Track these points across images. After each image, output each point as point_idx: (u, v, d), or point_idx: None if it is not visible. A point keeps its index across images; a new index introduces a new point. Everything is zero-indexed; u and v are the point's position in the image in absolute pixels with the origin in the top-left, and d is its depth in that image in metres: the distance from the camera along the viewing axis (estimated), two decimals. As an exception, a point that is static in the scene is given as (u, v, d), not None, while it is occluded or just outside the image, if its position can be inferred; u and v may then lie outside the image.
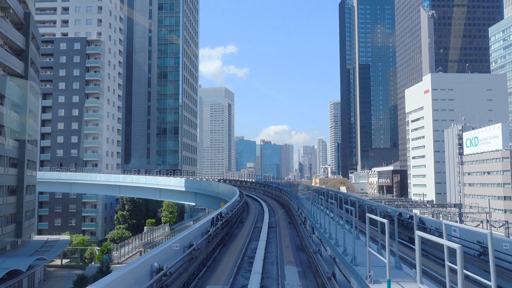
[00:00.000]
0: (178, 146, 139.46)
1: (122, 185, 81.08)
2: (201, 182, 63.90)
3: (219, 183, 57.26)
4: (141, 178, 78.25)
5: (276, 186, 49.96)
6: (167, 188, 72.40)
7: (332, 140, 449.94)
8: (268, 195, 53.13)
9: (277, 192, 47.15)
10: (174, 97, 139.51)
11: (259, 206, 41.69)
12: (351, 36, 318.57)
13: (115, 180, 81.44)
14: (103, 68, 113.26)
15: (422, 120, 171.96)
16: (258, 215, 34.57)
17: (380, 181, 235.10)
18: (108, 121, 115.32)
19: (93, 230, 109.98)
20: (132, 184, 79.04)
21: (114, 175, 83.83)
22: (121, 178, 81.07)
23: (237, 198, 34.68)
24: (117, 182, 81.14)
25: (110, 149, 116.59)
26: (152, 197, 79.47)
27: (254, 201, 46.56)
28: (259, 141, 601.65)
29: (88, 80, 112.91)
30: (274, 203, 44.28)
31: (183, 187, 68.45)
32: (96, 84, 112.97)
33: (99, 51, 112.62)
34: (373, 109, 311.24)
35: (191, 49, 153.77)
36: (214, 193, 58.51)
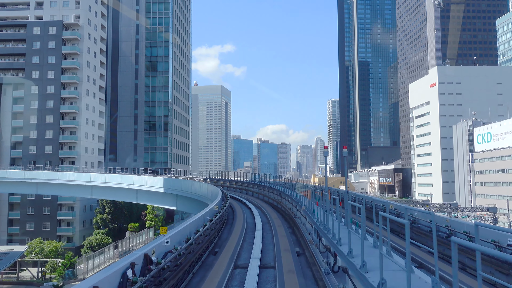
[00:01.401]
0: (167, 143, 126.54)
1: (95, 186, 68.13)
2: (182, 182, 51.21)
3: (202, 184, 44.68)
4: (115, 178, 65.35)
5: (274, 187, 36.96)
6: (145, 189, 59.67)
7: (330, 139, 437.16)
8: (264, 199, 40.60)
9: (276, 196, 34.24)
10: (163, 90, 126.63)
11: (250, 216, 29.01)
12: (350, 33, 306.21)
13: (85, 180, 68.46)
14: (81, 55, 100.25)
15: (427, 115, 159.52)
16: (245, 236, 21.76)
17: (381, 180, 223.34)
18: (88, 114, 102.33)
19: (69, 235, 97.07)
20: (105, 184, 66.11)
21: (84, 174, 70.81)
22: (93, 178, 68.09)
23: (214, 210, 21.85)
24: (88, 182, 68.16)
25: (90, 145, 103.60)
26: (128, 199, 66.69)
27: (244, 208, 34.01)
28: (256, 140, 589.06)
29: (64, 69, 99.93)
30: (272, 211, 31.42)
31: (162, 187, 55.83)
32: (73, 73, 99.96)
33: (77, 36, 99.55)
34: (373, 107, 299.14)
35: (182, 39, 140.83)
36: (196, 196, 45.91)
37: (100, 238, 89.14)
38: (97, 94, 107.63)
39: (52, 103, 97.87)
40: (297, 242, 20.16)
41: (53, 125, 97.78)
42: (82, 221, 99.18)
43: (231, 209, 34.38)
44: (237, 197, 41.81)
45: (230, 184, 53.89)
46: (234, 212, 31.95)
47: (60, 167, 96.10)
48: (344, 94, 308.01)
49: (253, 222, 26.28)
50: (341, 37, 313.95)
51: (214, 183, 57.16)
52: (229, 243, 20.22)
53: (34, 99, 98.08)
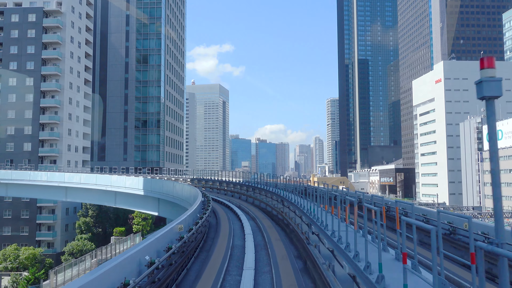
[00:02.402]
0: (160, 140, 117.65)
1: (70, 187, 59.20)
2: (164, 184, 42.38)
3: (184, 186, 35.89)
4: (91, 178, 56.44)
5: (274, 191, 27.14)
6: (123, 191, 50.88)
7: (329, 138, 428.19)
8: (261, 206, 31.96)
9: (277, 203, 24.56)
10: (155, 85, 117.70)
11: (239, 236, 19.76)
12: (349, 30, 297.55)
13: (59, 180, 59.51)
14: (64, 44, 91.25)
15: (432, 113, 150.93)
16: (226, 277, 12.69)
17: (382, 180, 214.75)
18: (71, 109, 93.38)
19: (50, 240, 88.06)
20: (81, 185, 57.21)
21: (58, 174, 61.78)
22: (67, 178, 59.10)
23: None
24: (62, 183, 59.23)
25: (73, 142, 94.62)
26: (105, 202, 57.76)
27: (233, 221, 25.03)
28: (254, 139, 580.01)
29: (45, 59, 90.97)
30: (270, 226, 22.27)
31: (142, 189, 47.09)
32: (55, 64, 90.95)
33: (59, 24, 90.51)
34: (373, 106, 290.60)
35: (176, 31, 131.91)
36: (178, 200, 37.19)
37: (82, 244, 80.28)
38: (82, 87, 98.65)
39: (32, 97, 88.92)
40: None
41: (33, 121, 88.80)
42: (65, 225, 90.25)
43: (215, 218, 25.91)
44: (228, 203, 32.92)
45: (220, 186, 44.56)
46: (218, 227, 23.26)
47: (40, 166, 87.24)
48: (344, 93, 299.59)
49: (241, 246, 17.50)
50: (340, 35, 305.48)
51: (202, 184, 48.29)
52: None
53: (12, 92, 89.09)
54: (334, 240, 10.81)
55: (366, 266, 7.93)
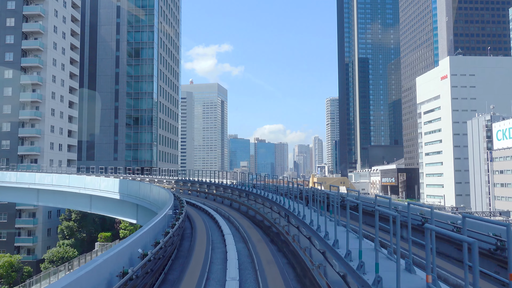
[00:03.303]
0: (152, 139, 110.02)
1: (41, 189, 51.47)
2: (141, 186, 34.52)
3: (160, 190, 28.24)
4: (64, 179, 48.72)
5: (277, 200, 18.15)
6: (98, 194, 43.31)
7: (328, 138, 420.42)
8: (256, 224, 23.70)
9: (280, 219, 16.55)
10: (148, 80, 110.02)
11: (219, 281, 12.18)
12: (350, 28, 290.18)
13: (29, 181, 51.77)
14: (46, 34, 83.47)
15: (438, 110, 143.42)
16: None
17: (383, 181, 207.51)
18: (54, 104, 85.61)
19: (30, 246, 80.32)
20: (53, 187, 49.54)
21: (28, 174, 53.92)
22: (38, 179, 51.33)
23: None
24: (33, 184, 51.50)
25: (57, 140, 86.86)
26: (80, 207, 50.04)
27: (211, 248, 17.77)
28: (253, 139, 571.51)
29: (26, 50, 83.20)
30: (271, 265, 14.53)
31: (118, 193, 39.53)
32: (36, 55, 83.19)
33: (41, 12, 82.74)
34: (373, 105, 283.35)
35: (170, 24, 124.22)
36: (155, 207, 29.62)
37: (64, 251, 72.66)
38: (67, 81, 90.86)
39: (10, 90, 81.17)
40: None
41: (11, 116, 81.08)
42: (46, 230, 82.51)
43: (190, 238, 18.32)
44: (214, 213, 24.88)
45: (209, 190, 36.43)
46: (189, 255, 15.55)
47: (20, 165, 79.48)
48: (344, 92, 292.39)
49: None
50: (340, 34, 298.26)
51: (188, 187, 40.41)
52: None
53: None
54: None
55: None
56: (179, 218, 16.52)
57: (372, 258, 7.74)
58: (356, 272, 7.55)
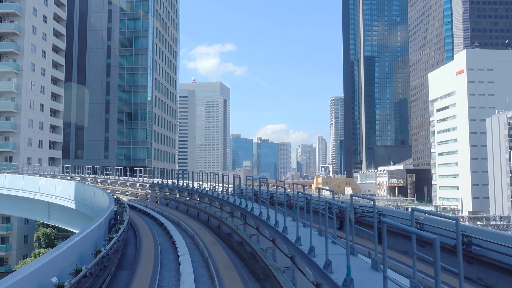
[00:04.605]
0: (146, 136, 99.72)
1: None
2: (96, 193, 24.23)
3: (105, 198, 18.32)
4: (17, 180, 38.27)
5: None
6: (54, 201, 33.02)
7: (332, 138, 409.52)
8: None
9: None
10: (142, 72, 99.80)
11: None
12: (355, 25, 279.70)
13: (-21, 184, 41.43)
14: (23, 17, 73.16)
15: (452, 108, 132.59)
16: None
17: (391, 182, 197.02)
18: (33, 96, 75.26)
19: (4, 255, 70.04)
20: (5, 191, 39.16)
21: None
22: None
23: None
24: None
25: (36, 136, 76.49)
26: (38, 216, 39.24)
27: None
28: (256, 139, 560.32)
29: (0, 34, 72.98)
30: None
31: (73, 200, 29.25)
32: (11, 40, 72.88)
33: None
34: (379, 104, 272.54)
35: (167, 13, 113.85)
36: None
37: (38, 261, 62.34)
38: (49, 70, 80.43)
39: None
40: None
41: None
42: (23, 236, 72.20)
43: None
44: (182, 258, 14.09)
45: (190, 200, 25.41)
46: None
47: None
48: (349, 90, 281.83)
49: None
50: (346, 32, 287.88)
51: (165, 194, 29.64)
52: None
53: (-41, 74, 71.19)
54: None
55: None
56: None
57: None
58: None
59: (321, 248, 8.18)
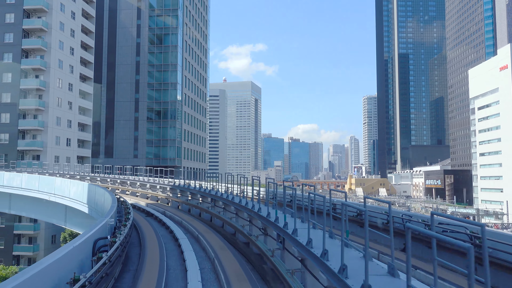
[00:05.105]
0: (176, 135, 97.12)
1: (13, 193, 38.59)
2: (105, 197, 21.07)
3: (113, 204, 15.09)
4: (33, 180, 35.59)
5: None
6: (70, 204, 30.04)
7: (365, 138, 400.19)
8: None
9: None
10: (171, 69, 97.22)
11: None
12: (389, 22, 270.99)
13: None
14: (50, 13, 71.48)
15: (495, 105, 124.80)
16: None
17: (427, 183, 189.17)
18: (61, 93, 73.51)
19: (31, 256, 68.46)
20: (23, 191, 36.58)
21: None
22: (7, 180, 38.39)
23: None
24: (2, 187, 38.69)
25: (64, 134, 74.74)
26: (55, 220, 36.37)
27: None
28: (287, 139, 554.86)
29: (27, 30, 71.47)
30: None
31: (86, 204, 26.16)
32: (39, 36, 71.30)
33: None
34: (414, 102, 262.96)
35: (196, 9, 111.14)
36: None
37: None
38: (77, 67, 78.65)
39: (10, 76, 69.54)
40: None
41: (10, 106, 69.42)
42: (50, 236, 70.48)
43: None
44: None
45: (213, 208, 21.43)
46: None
47: (20, 163, 67.70)
48: (383, 89, 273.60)
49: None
50: (379, 29, 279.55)
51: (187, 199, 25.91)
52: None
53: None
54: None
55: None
56: None
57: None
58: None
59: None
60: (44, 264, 7.62)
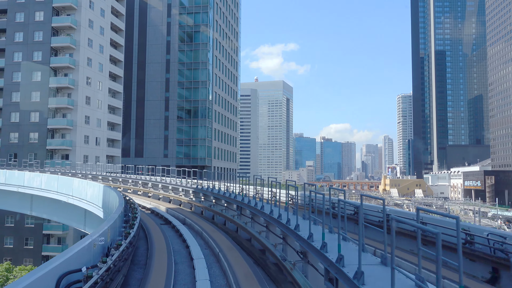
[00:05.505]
0: (206, 134, 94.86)
1: (34, 194, 36.73)
2: (120, 200, 18.74)
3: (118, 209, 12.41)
4: (52, 181, 33.62)
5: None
6: (87, 208, 27.68)
7: (400, 137, 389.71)
8: None
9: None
10: (201, 67, 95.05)
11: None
12: (425, 18, 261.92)
13: (18, 183, 37.21)
14: (79, 10, 70.24)
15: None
16: None
17: (466, 184, 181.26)
18: (90, 92, 72.21)
19: (59, 256, 67.20)
20: (43, 192, 34.63)
21: (17, 173, 38.83)
22: (27, 180, 36.55)
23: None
24: (22, 188, 36.91)
25: (93, 133, 73.45)
26: (75, 223, 34.36)
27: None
28: (319, 138, 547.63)
29: (56, 29, 70.44)
30: None
31: (101, 208, 23.67)
32: (68, 34, 70.17)
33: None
34: (452, 101, 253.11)
35: (226, 5, 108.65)
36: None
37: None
38: (106, 66, 77.31)
39: (39, 75, 68.63)
40: None
41: (40, 105, 68.52)
42: (79, 237, 68.98)
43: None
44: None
45: (239, 218, 17.96)
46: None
47: (49, 162, 66.68)
48: (418, 87, 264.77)
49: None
50: (415, 26, 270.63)
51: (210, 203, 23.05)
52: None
53: (17, 70, 69.37)
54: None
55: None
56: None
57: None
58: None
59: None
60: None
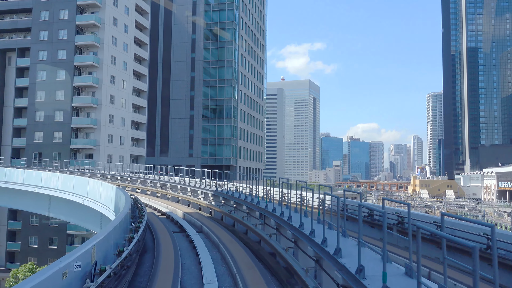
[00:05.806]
0: (232, 133, 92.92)
1: (52, 195, 35.34)
2: (125, 205, 16.82)
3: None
4: (68, 181, 32.03)
5: None
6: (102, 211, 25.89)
7: (430, 137, 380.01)
8: None
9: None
10: (227, 65, 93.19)
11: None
12: (457, 14, 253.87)
13: (35, 184, 35.84)
14: (103, 7, 69.21)
15: None
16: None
17: (500, 185, 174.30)
18: (114, 90, 71.11)
19: (83, 256, 66.33)
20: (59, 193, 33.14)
21: (35, 173, 37.09)
22: (45, 180, 35.11)
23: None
24: (40, 188, 35.55)
25: (117, 132, 72.36)
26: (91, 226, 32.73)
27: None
28: (346, 138, 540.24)
29: (80, 27, 69.58)
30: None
31: (113, 212, 21.90)
32: (92, 32, 69.20)
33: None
34: (484, 99, 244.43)
35: (252, 3, 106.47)
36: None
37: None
38: (130, 64, 76.15)
39: (64, 74, 67.87)
40: None
41: (64, 104, 67.79)
42: (103, 237, 68.10)
43: None
44: None
45: (264, 227, 15.59)
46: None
47: (73, 162, 65.88)
48: (449, 86, 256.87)
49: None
50: (445, 23, 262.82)
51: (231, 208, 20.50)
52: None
53: (42, 69, 68.84)
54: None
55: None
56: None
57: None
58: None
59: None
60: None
